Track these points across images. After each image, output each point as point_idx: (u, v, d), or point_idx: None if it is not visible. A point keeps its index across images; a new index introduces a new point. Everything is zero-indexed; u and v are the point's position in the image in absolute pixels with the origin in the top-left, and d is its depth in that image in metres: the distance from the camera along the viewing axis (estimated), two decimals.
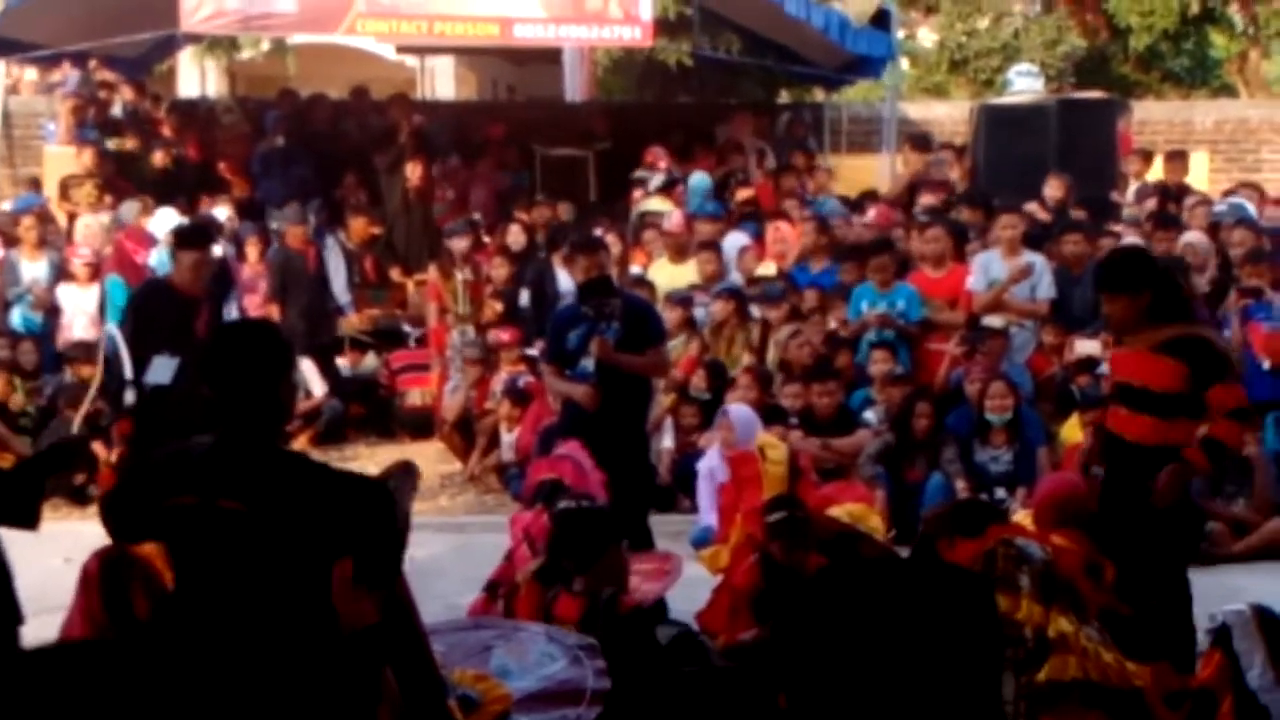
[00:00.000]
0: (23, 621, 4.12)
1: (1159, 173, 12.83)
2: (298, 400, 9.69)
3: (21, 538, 4.00)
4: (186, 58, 21.23)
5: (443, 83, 21.75)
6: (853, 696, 3.48)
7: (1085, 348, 9.13)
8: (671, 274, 10.57)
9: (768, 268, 10.66)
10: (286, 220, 11.60)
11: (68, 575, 4.42)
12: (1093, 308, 8.68)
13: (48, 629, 4.16)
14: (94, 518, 3.66)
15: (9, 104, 14.55)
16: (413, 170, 12.69)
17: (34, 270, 11.30)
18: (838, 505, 6.91)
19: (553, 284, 10.69)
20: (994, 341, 9.14)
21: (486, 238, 12.04)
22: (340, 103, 14.96)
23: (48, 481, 4.07)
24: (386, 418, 11.27)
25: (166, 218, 11.37)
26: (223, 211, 12.22)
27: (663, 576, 5.34)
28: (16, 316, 11.08)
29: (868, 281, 9.63)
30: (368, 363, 11.71)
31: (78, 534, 4.72)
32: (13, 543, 4.11)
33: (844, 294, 9.83)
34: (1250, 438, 8.22)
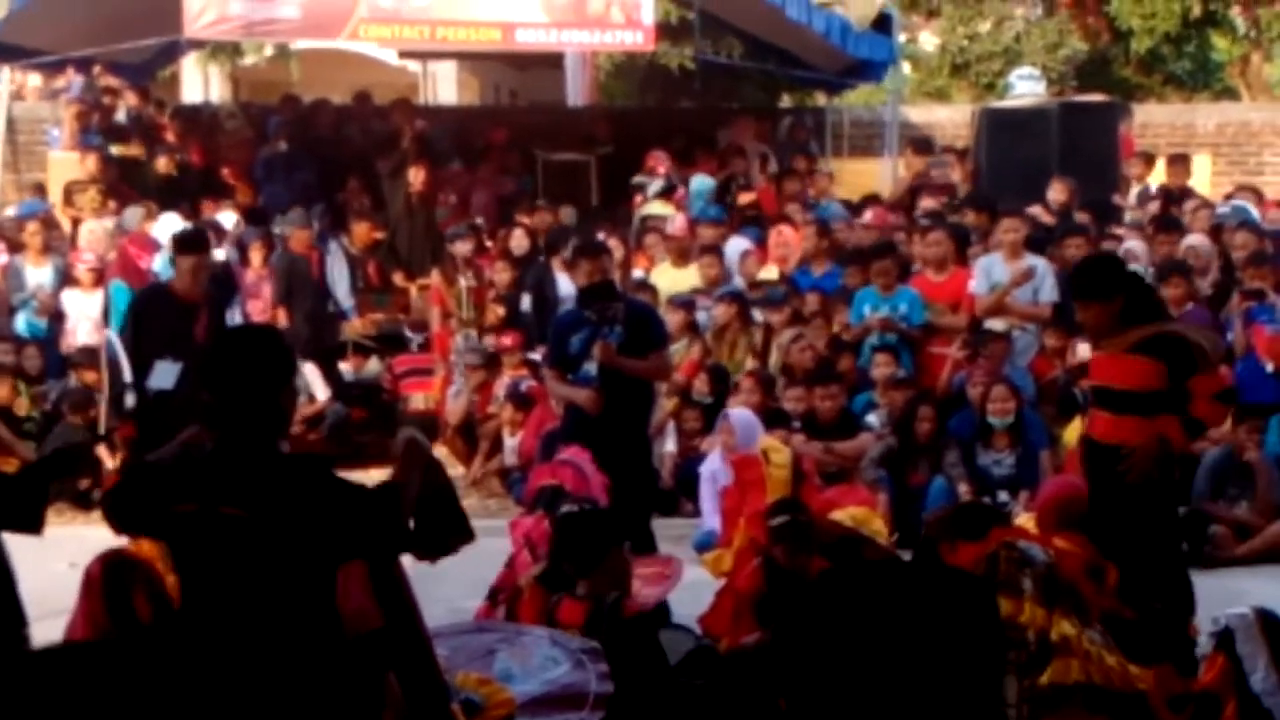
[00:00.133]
0: (27, 625, 4.13)
1: (1161, 176, 12.82)
2: (298, 405, 9.71)
3: (26, 542, 4.01)
4: (190, 63, 21.30)
5: (445, 88, 21.78)
6: (854, 700, 3.49)
7: (1088, 351, 9.11)
8: (674, 278, 10.59)
9: (770, 272, 10.66)
10: (291, 224, 11.61)
11: (72, 580, 4.43)
12: None
13: (52, 633, 4.18)
14: (98, 523, 3.67)
15: (13, 110, 14.55)
16: (415, 175, 12.69)
17: (39, 276, 11.32)
18: (841, 509, 6.92)
19: (552, 288, 10.70)
20: (996, 345, 9.14)
21: (489, 242, 12.05)
22: (343, 108, 14.97)
23: (51, 486, 4.08)
24: (389, 421, 11.27)
25: (170, 223, 11.36)
26: (229, 217, 12.23)
27: (663, 580, 5.34)
28: (21, 322, 11.09)
29: (870, 285, 9.64)
30: (370, 367, 11.72)
31: (82, 539, 4.73)
32: (17, 547, 4.12)
33: (846, 298, 9.83)
34: (1251, 441, 8.24)
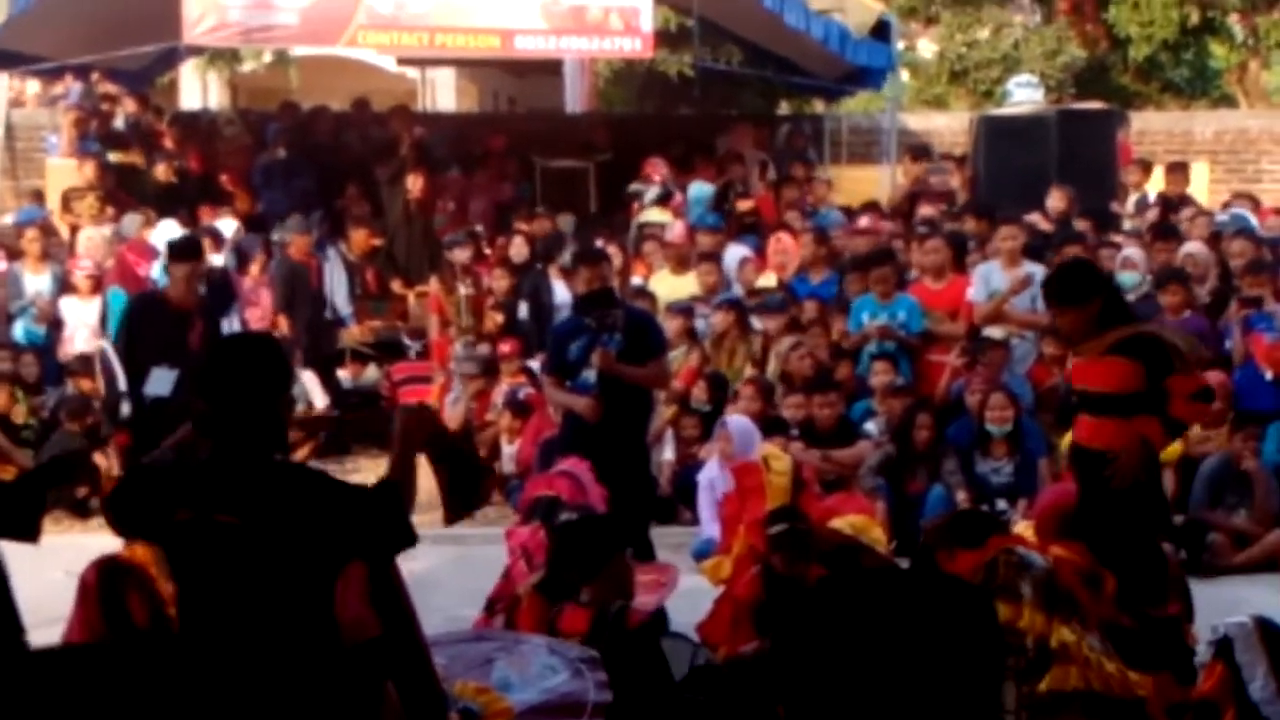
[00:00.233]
0: (24, 633, 4.12)
1: (1159, 183, 12.83)
2: (294, 412, 9.71)
3: (23, 550, 4.01)
4: (189, 70, 21.30)
5: (444, 94, 21.78)
6: (853, 708, 3.48)
7: None
8: (672, 285, 10.58)
9: (768, 279, 10.66)
10: (291, 230, 11.60)
11: (68, 588, 4.42)
12: None
13: (48, 641, 4.17)
14: (96, 531, 3.67)
15: (12, 117, 14.56)
16: (414, 182, 12.69)
17: (37, 283, 11.31)
18: (841, 517, 6.91)
19: (549, 295, 10.70)
20: (995, 353, 9.13)
21: (487, 249, 12.05)
22: (341, 115, 14.98)
23: (48, 494, 4.08)
24: (387, 428, 11.26)
25: (168, 230, 11.36)
26: (228, 224, 12.22)
27: (659, 588, 5.33)
28: (19, 329, 11.09)
29: (869, 293, 9.64)
30: (369, 374, 11.71)
31: (79, 547, 4.72)
32: (14, 555, 4.11)
33: (843, 306, 9.83)
34: (1249, 450, 8.24)
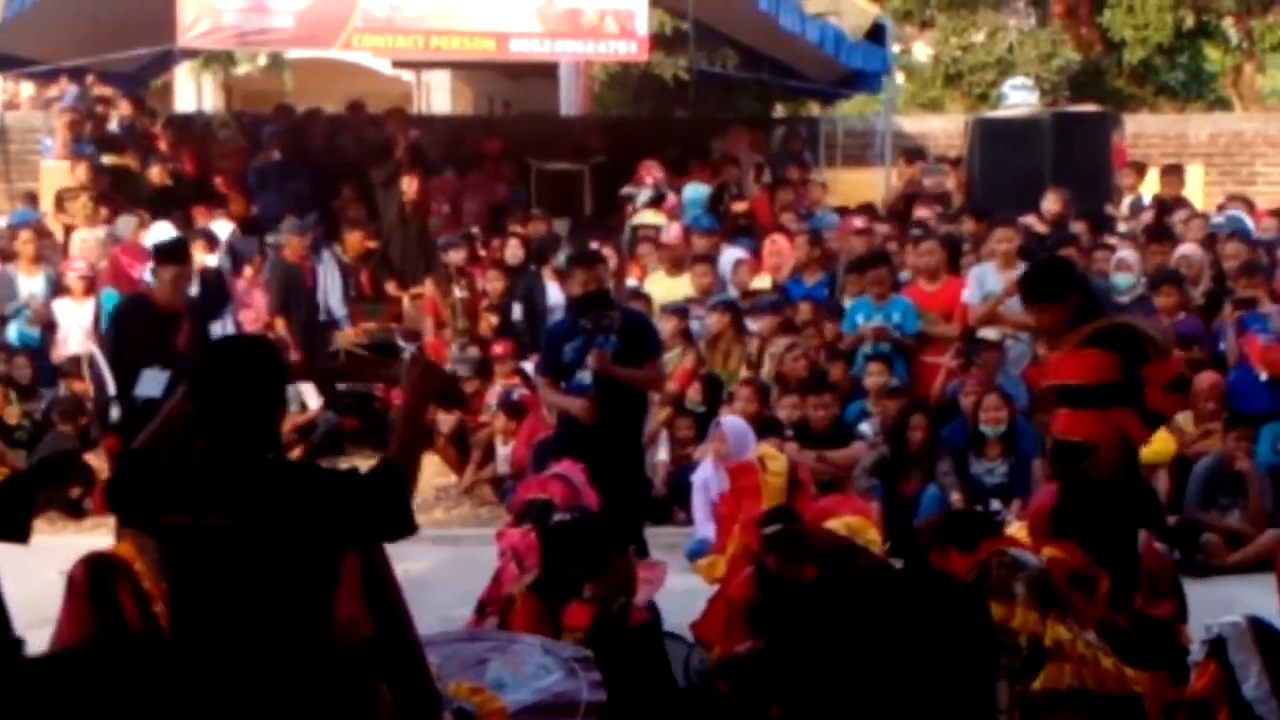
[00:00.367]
0: (14, 633, 4.11)
1: (1154, 186, 12.84)
2: (287, 414, 9.67)
3: (14, 551, 4.00)
4: (183, 73, 21.27)
5: (439, 97, 21.77)
6: (847, 707, 3.48)
7: None
8: (667, 287, 10.58)
9: (763, 281, 10.67)
10: (286, 233, 11.59)
11: (60, 588, 4.40)
12: None
13: (40, 642, 4.16)
14: (88, 531, 3.66)
15: (6, 119, 14.57)
16: (408, 184, 12.68)
17: (31, 285, 11.29)
18: (836, 518, 6.90)
19: (543, 297, 10.70)
20: (989, 354, 9.14)
21: (482, 251, 12.04)
22: (336, 117, 14.97)
23: (39, 495, 4.07)
24: (382, 430, 11.25)
25: (162, 232, 11.34)
26: (222, 226, 12.21)
27: (645, 585, 5.33)
28: (13, 331, 11.07)
29: (864, 295, 9.64)
30: None
31: (72, 548, 4.70)
32: (5, 556, 4.10)
33: (836, 308, 9.84)
34: (1242, 450, 8.25)
